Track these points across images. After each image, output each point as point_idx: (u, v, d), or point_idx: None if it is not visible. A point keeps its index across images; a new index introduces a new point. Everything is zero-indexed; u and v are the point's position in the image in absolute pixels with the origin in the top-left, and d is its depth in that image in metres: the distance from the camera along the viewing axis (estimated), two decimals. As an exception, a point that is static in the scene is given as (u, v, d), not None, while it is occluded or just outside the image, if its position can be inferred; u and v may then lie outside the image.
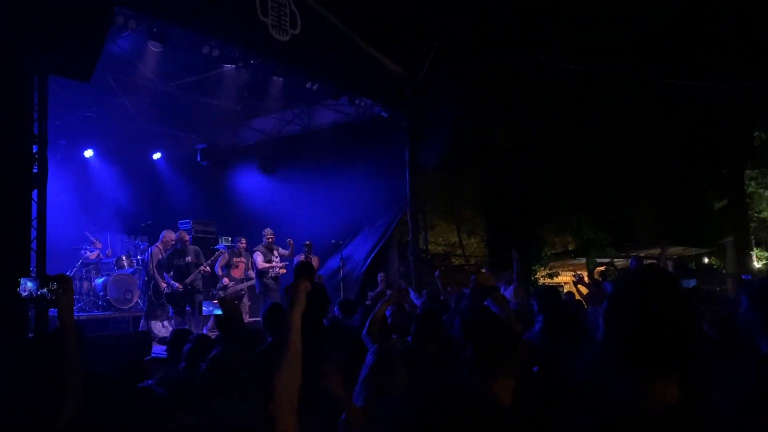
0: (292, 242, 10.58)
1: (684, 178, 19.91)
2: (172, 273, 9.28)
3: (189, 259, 9.35)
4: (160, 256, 9.55)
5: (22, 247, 5.61)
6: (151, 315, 9.64)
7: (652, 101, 18.04)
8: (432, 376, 2.79)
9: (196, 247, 9.69)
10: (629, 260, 14.27)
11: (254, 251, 10.22)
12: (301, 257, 10.67)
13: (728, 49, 17.17)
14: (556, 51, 14.65)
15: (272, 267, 10.18)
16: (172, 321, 9.45)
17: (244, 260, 10.37)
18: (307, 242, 10.85)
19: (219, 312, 3.22)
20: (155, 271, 9.38)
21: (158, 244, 9.82)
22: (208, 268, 9.56)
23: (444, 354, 3.51)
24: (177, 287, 9.11)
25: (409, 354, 3.56)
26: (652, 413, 1.33)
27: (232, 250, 10.52)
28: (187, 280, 9.16)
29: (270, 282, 10.12)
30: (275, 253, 10.34)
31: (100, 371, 3.36)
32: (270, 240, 10.29)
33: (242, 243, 10.48)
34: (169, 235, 9.82)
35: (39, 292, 2.68)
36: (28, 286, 2.78)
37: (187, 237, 9.71)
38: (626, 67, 15.93)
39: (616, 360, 1.40)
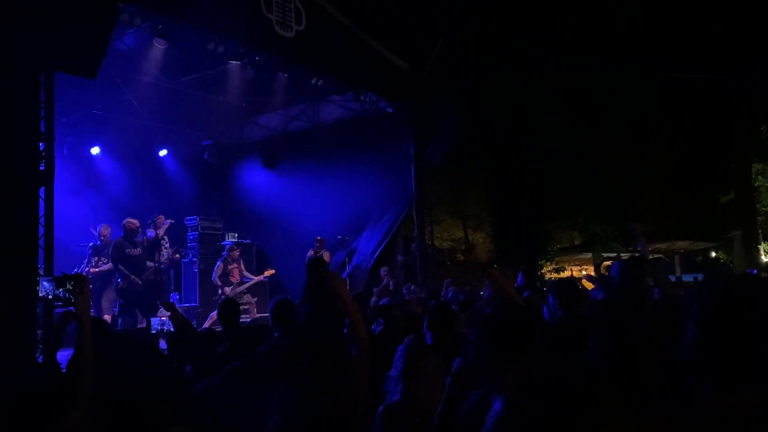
0: (322, 239, 10.64)
1: (691, 172, 19.83)
2: (121, 265, 8.62)
3: (140, 251, 8.84)
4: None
5: (30, 244, 5.63)
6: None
7: (659, 95, 17.97)
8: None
9: (140, 239, 9.08)
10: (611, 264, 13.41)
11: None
12: (311, 253, 10.74)
13: (735, 43, 17.07)
14: (562, 44, 14.60)
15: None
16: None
17: (237, 266, 10.42)
18: (319, 238, 10.88)
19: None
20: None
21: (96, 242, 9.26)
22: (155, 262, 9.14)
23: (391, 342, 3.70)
24: (134, 280, 8.54)
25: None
26: (733, 415, 1.34)
27: (225, 259, 10.60)
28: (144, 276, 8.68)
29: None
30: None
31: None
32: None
33: (235, 251, 10.46)
34: (104, 230, 9.22)
35: (56, 292, 2.73)
36: (45, 286, 2.84)
37: (136, 227, 8.92)
38: (633, 60, 15.85)
39: (703, 364, 1.40)
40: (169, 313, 4.42)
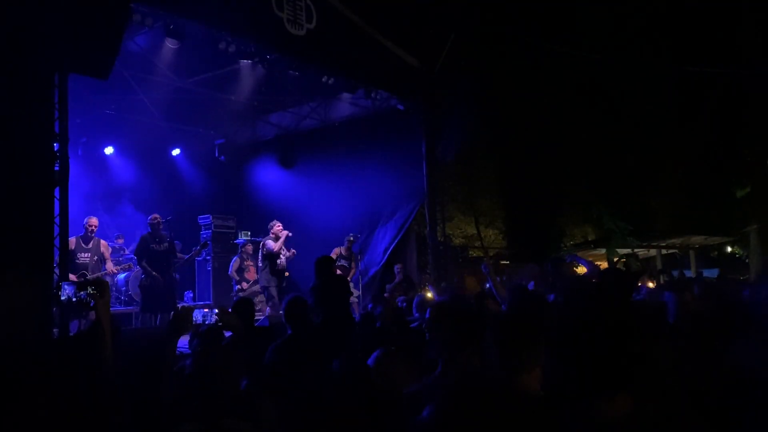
0: (351, 239, 10.64)
1: (706, 166, 19.60)
2: (145, 261, 8.62)
3: (166, 246, 8.83)
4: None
5: (45, 244, 5.69)
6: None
7: (674, 89, 17.80)
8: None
9: (166, 233, 9.09)
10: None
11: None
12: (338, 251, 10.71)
13: (751, 36, 16.87)
14: (575, 40, 14.50)
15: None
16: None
17: (253, 263, 10.49)
18: (351, 237, 10.79)
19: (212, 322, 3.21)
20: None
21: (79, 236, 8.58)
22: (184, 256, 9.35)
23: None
24: (156, 277, 8.47)
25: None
26: (606, 423, 1.37)
27: (241, 255, 10.63)
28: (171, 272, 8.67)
29: None
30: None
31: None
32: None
33: (248, 247, 10.56)
34: (92, 221, 8.59)
35: (77, 296, 2.77)
36: (66, 290, 2.87)
37: (159, 221, 8.91)
38: (648, 55, 15.72)
39: (569, 379, 1.43)
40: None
